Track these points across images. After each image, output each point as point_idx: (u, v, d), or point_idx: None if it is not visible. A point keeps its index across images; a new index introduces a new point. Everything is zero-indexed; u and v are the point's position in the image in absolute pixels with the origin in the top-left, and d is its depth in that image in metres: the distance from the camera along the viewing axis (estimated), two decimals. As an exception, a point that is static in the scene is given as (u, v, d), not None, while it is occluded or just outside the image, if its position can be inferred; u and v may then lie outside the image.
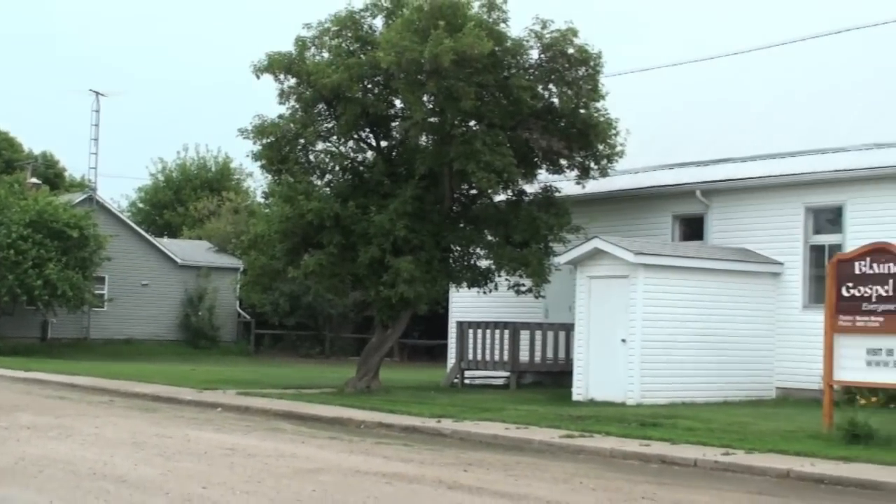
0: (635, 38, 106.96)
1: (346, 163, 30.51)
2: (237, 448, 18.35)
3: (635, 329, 26.78)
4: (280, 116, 29.82)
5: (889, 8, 56.01)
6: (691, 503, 13.69)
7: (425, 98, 28.23)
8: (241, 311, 60.54)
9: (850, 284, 19.24)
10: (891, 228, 25.43)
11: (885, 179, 27.35)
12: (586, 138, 29.23)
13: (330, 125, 30.01)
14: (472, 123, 28.85)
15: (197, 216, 68.97)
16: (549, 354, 31.35)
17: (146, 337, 56.77)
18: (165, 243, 60.60)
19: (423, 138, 29.55)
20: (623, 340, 26.86)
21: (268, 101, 36.75)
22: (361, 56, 29.11)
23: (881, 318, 18.78)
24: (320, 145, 30.36)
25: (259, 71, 29.33)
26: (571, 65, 28.70)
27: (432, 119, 28.74)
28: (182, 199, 73.97)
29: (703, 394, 27.19)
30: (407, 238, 28.30)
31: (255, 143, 29.58)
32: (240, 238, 36.07)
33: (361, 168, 30.64)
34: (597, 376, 27.36)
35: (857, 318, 19.07)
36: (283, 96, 29.64)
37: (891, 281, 18.71)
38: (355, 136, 30.42)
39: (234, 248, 52.43)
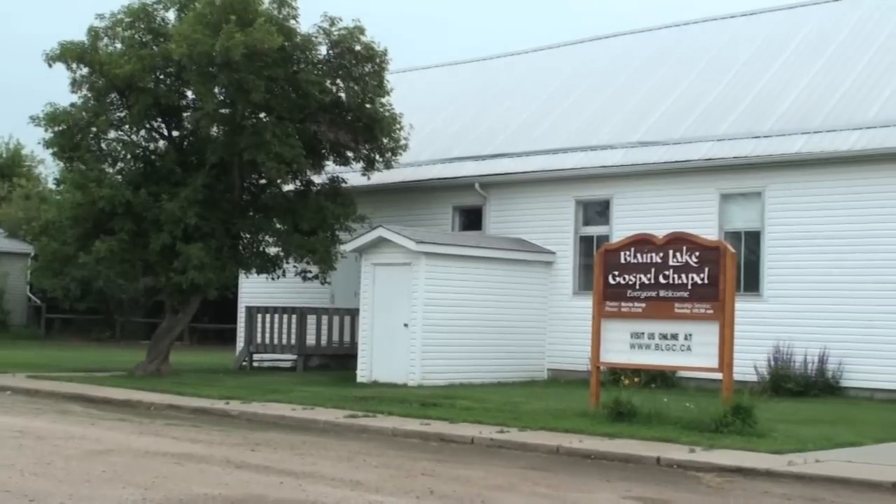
0: (426, 38, 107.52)
1: (137, 151, 29.89)
2: (26, 430, 17.85)
3: (417, 314, 26.98)
4: (72, 105, 29.04)
5: (653, 16, 57.60)
6: (468, 478, 13.85)
7: (216, 90, 27.95)
8: (31, 295, 58.73)
9: (616, 273, 19.69)
10: (653, 220, 26.18)
11: (648, 175, 28.16)
12: (372, 132, 29.40)
13: (122, 114, 29.35)
14: (262, 115, 28.68)
15: (-13, 201, 66.65)
16: (336, 338, 31.39)
17: (-66, 321, 54.63)
18: (-45, 228, 58.44)
19: (215, 129, 29.21)
20: (405, 325, 27.04)
21: (61, 89, 35.66)
22: (154, 47, 28.68)
23: (644, 304, 19.29)
24: (112, 134, 29.66)
25: (51, 59, 28.54)
26: (358, 61, 28.86)
27: (223, 110, 28.47)
28: (-28, 184, 71.33)
29: (480, 375, 27.56)
30: (197, 225, 27.94)
31: (46, 130, 28.76)
32: (31, 224, 35.07)
33: (153, 157, 30.08)
34: (380, 359, 27.47)
35: (623, 304, 19.53)
36: (76, 85, 28.90)
37: (652, 269, 19.21)
38: (147, 126, 29.84)
39: (25, 233, 50.98)
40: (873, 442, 17.26)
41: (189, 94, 29.32)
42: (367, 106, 29.19)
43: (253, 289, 35.13)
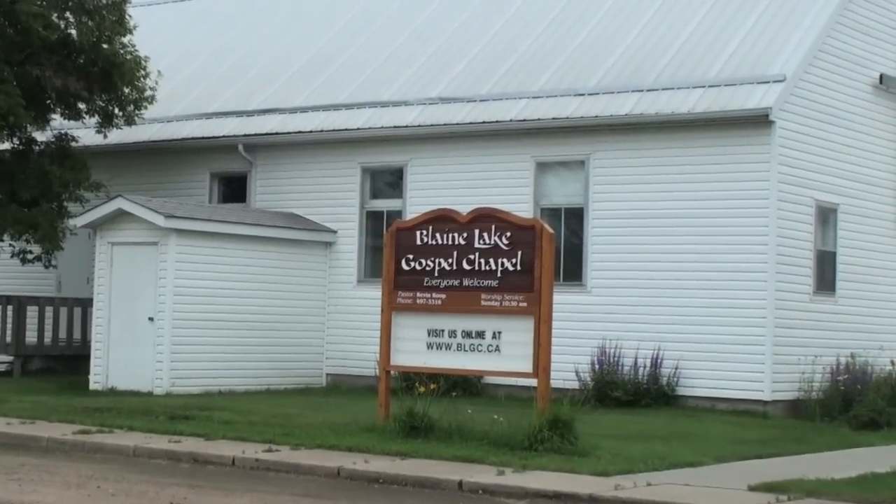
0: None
1: None
2: None
3: (165, 306, 26.69)
4: None
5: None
6: (228, 509, 13.78)
7: (-88, 22, 27.24)
8: None
9: (411, 256, 19.73)
10: (456, 193, 26.44)
11: (450, 138, 28.33)
12: (110, 79, 28.94)
13: None
14: (-30, 55, 28.07)
15: None
16: (63, 335, 30.82)
17: None
18: None
19: None
20: (151, 319, 26.74)
21: None
22: None
23: (443, 295, 19.38)
24: None
25: None
26: (93, -10, 28.42)
27: (-80, 48, 27.77)
28: None
29: (243, 381, 27.44)
30: None
31: None
32: None
33: None
34: (119, 361, 27.11)
35: (419, 294, 19.60)
36: None
37: (455, 253, 19.30)
38: None
39: None
40: (714, 461, 17.77)
41: None
42: (104, 46, 28.74)
43: (-43, 273, 34.29)
